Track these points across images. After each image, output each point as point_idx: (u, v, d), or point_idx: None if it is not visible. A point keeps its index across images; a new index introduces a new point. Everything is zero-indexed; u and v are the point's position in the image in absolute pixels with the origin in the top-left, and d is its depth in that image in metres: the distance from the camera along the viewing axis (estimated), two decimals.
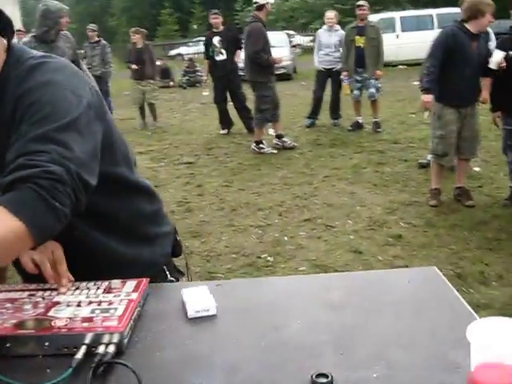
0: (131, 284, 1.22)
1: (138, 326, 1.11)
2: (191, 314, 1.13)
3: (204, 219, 5.00)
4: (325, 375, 0.90)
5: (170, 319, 1.13)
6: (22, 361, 1.02)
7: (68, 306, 1.13)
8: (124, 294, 1.18)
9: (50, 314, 1.10)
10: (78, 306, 1.13)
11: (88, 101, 1.19)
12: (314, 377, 0.90)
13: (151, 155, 7.77)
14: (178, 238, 1.58)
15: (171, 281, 1.46)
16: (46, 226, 1.03)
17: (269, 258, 4.05)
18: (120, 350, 1.01)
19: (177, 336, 1.07)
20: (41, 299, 1.17)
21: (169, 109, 11.88)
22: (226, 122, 8.76)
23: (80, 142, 1.12)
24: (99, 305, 1.13)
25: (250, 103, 7.94)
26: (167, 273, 1.47)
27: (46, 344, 1.03)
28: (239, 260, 4.07)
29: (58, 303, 1.15)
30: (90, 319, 1.07)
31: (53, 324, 1.06)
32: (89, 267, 1.27)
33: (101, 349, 0.99)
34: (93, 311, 1.10)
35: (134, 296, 1.17)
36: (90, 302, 1.14)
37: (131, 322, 1.08)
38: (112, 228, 1.35)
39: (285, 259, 4.02)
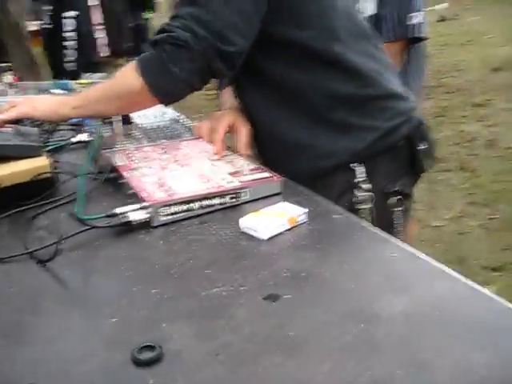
0: (259, 175, 1.04)
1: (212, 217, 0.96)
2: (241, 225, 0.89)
3: None
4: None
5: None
6: None
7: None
8: (230, 180, 1.02)
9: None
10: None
11: None
12: (136, 351, 0.61)
13: None
14: (419, 147, 1.18)
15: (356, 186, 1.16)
16: (163, 88, 1.09)
17: None
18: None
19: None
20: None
21: None
22: None
23: (231, 1, 1.03)
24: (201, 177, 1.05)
25: None
26: (356, 174, 1.16)
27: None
28: None
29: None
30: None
31: None
32: (256, 141, 1.23)
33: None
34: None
35: (233, 185, 1.00)
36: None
37: (183, 204, 0.95)
38: (286, 100, 1.17)
39: None
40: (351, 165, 1.16)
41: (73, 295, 0.76)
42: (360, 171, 1.15)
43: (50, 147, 1.37)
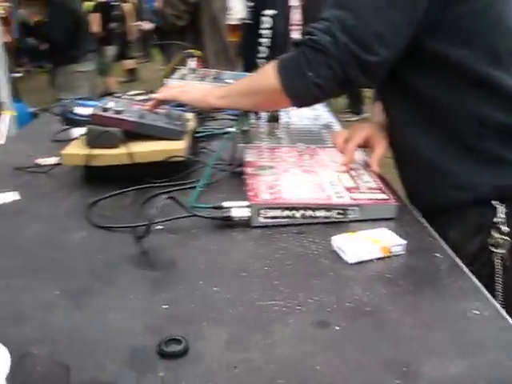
0: (375, 196, 0.98)
1: (313, 229, 0.93)
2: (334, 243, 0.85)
3: None
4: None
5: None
6: None
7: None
8: (342, 194, 0.98)
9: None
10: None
11: None
12: (163, 341, 0.62)
13: None
14: None
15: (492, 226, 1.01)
16: (296, 91, 1.05)
17: None
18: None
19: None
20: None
21: None
22: None
23: (382, 9, 0.96)
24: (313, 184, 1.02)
25: None
26: (497, 213, 1.01)
27: None
28: None
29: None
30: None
31: None
32: (394, 159, 1.16)
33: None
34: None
35: (341, 200, 0.95)
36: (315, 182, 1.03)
37: (285, 210, 0.93)
38: (433, 121, 1.05)
39: None
40: (493, 202, 1.03)
41: (145, 274, 0.79)
42: (502, 210, 1.02)
43: (202, 133, 1.44)
